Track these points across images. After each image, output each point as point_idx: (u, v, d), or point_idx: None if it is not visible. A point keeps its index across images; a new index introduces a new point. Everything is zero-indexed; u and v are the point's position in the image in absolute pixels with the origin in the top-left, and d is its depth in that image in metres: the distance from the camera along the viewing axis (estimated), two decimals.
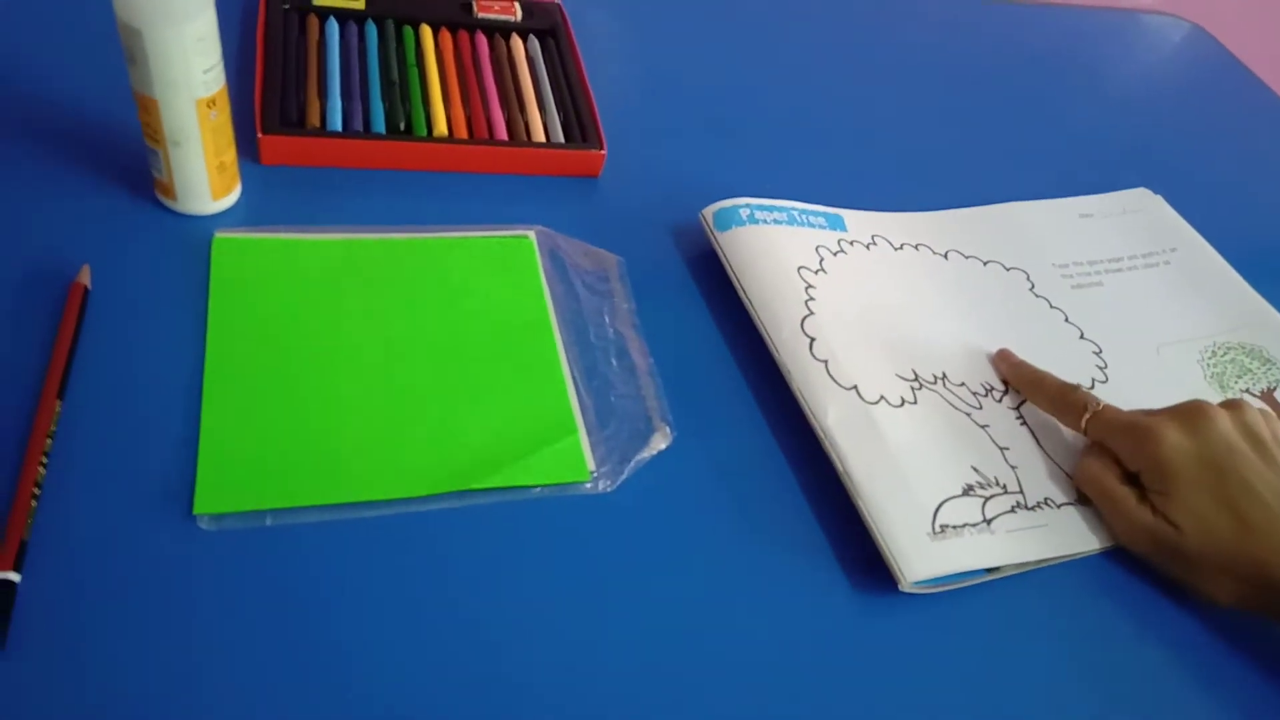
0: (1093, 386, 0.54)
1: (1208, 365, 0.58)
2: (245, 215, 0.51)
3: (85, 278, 0.46)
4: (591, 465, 0.45)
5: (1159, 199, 0.69)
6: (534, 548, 0.42)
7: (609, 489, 0.45)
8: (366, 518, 0.41)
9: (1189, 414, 0.46)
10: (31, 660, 0.35)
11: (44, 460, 0.39)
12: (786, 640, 0.42)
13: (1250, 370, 0.58)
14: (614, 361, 0.50)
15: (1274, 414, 0.49)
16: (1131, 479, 0.47)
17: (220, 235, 0.50)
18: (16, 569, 0.36)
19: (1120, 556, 0.47)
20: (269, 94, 0.55)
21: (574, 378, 0.48)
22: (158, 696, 0.35)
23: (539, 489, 0.44)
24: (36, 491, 0.38)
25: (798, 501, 0.47)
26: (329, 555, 0.40)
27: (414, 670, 0.37)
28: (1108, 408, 0.48)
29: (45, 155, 0.51)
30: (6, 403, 0.41)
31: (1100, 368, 0.56)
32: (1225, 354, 0.59)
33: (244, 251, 0.49)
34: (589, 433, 0.46)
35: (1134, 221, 0.67)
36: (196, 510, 0.39)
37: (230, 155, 0.50)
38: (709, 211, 0.56)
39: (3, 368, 0.42)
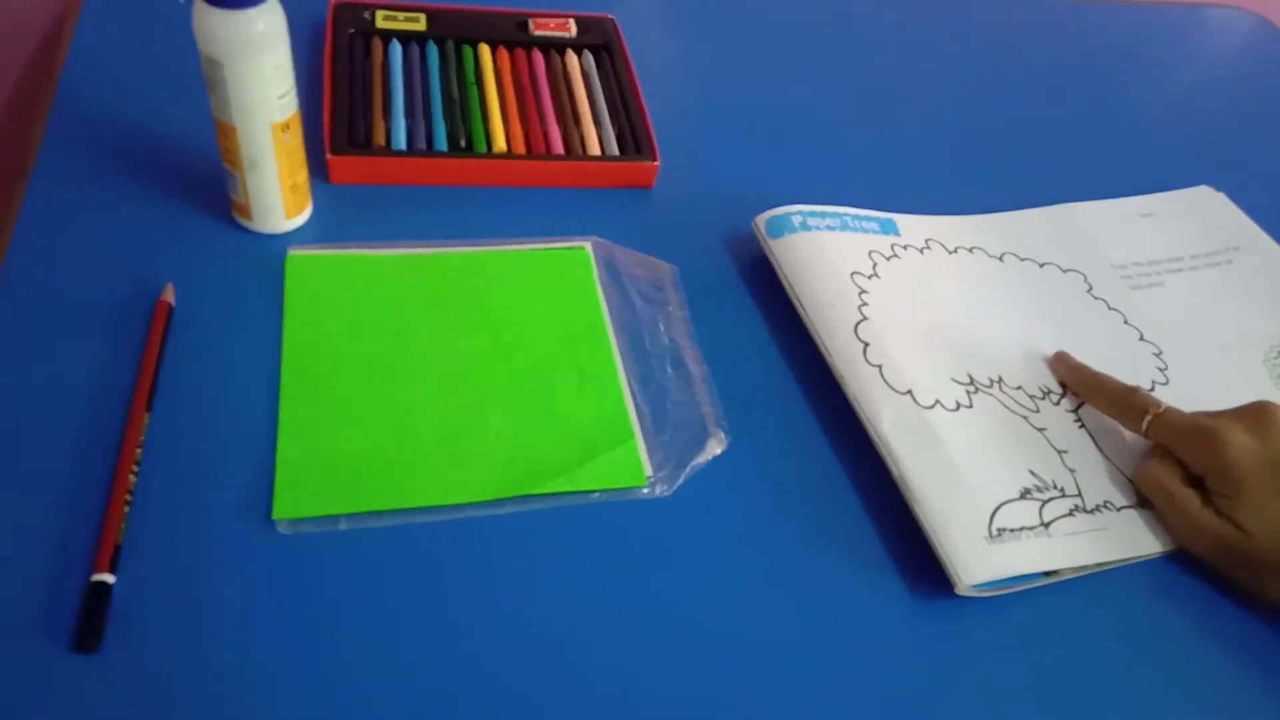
0: (1153, 389, 0.54)
1: (1273, 365, 0.57)
2: (316, 233, 0.54)
3: (169, 295, 0.48)
4: (648, 470, 0.46)
5: (1222, 196, 0.68)
6: (593, 550, 0.43)
7: (665, 494, 0.46)
8: (433, 522, 0.43)
9: (1255, 415, 0.46)
10: (124, 658, 0.37)
11: (135, 469, 0.42)
12: (843, 644, 0.42)
13: None
14: (669, 369, 0.51)
15: None
16: (1195, 482, 0.46)
17: (294, 252, 0.52)
18: (112, 570, 0.39)
19: (1181, 560, 0.47)
20: (337, 116, 0.57)
21: (630, 385, 0.49)
22: (241, 694, 0.37)
23: (598, 494, 0.45)
24: (128, 498, 0.41)
25: (853, 506, 0.47)
26: (398, 558, 0.42)
27: (473, 667, 0.39)
28: (1170, 410, 0.48)
29: (131, 180, 0.54)
30: (100, 415, 0.44)
31: (1161, 369, 0.55)
32: None
33: (316, 267, 0.52)
34: (645, 439, 0.47)
35: (1196, 220, 0.66)
36: (275, 515, 0.42)
37: (302, 176, 0.52)
38: (761, 219, 0.57)
39: (96, 382, 0.45)
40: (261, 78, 0.46)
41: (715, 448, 0.48)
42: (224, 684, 0.37)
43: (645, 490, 0.46)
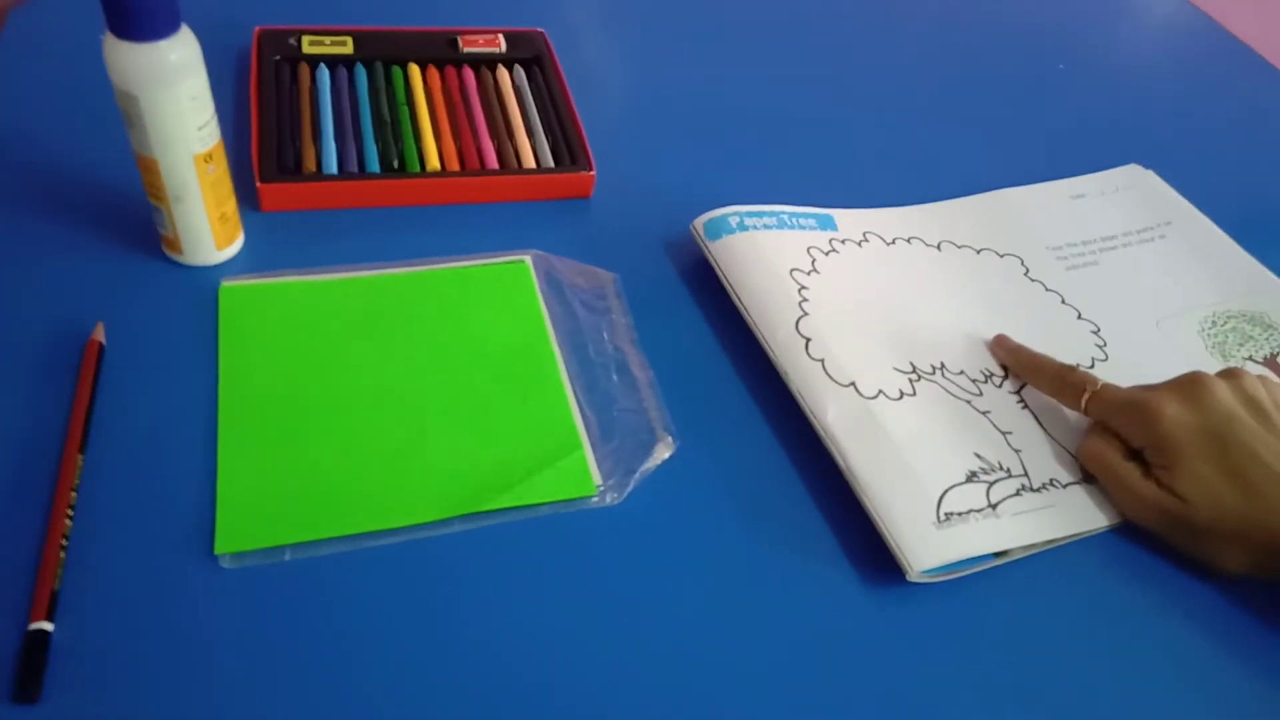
0: (1093, 366, 0.54)
1: (1209, 335, 0.58)
2: (249, 262, 0.53)
3: (100, 334, 0.48)
4: (598, 479, 0.46)
5: (1150, 174, 0.69)
6: (545, 564, 0.43)
7: (616, 501, 0.46)
8: (381, 546, 0.42)
9: (1187, 386, 0.47)
10: (68, 708, 0.36)
11: (70, 513, 0.41)
12: (800, 638, 0.42)
13: (1252, 337, 0.58)
14: (615, 376, 0.51)
15: (1275, 379, 0.49)
16: (1135, 455, 0.47)
17: (226, 283, 0.51)
18: (49, 618, 0.38)
19: (1129, 532, 0.48)
20: (265, 143, 0.57)
21: (576, 395, 0.49)
22: None
23: (547, 506, 0.45)
24: (64, 543, 0.40)
25: (803, 501, 0.47)
26: (347, 585, 0.41)
27: (434, 692, 0.38)
28: (1107, 386, 0.49)
29: (55, 219, 0.53)
30: (32, 459, 0.43)
31: (1100, 346, 0.56)
32: (1226, 323, 0.59)
33: (250, 297, 0.51)
34: (594, 448, 0.47)
35: (1127, 198, 0.67)
36: (218, 550, 0.41)
37: (231, 206, 0.52)
38: (699, 222, 0.57)
39: (26, 425, 0.44)
40: (179, 109, 0.45)
41: (664, 452, 0.48)
42: None
43: (595, 499, 0.45)
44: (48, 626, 0.38)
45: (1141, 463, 0.47)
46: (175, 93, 0.45)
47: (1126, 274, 0.61)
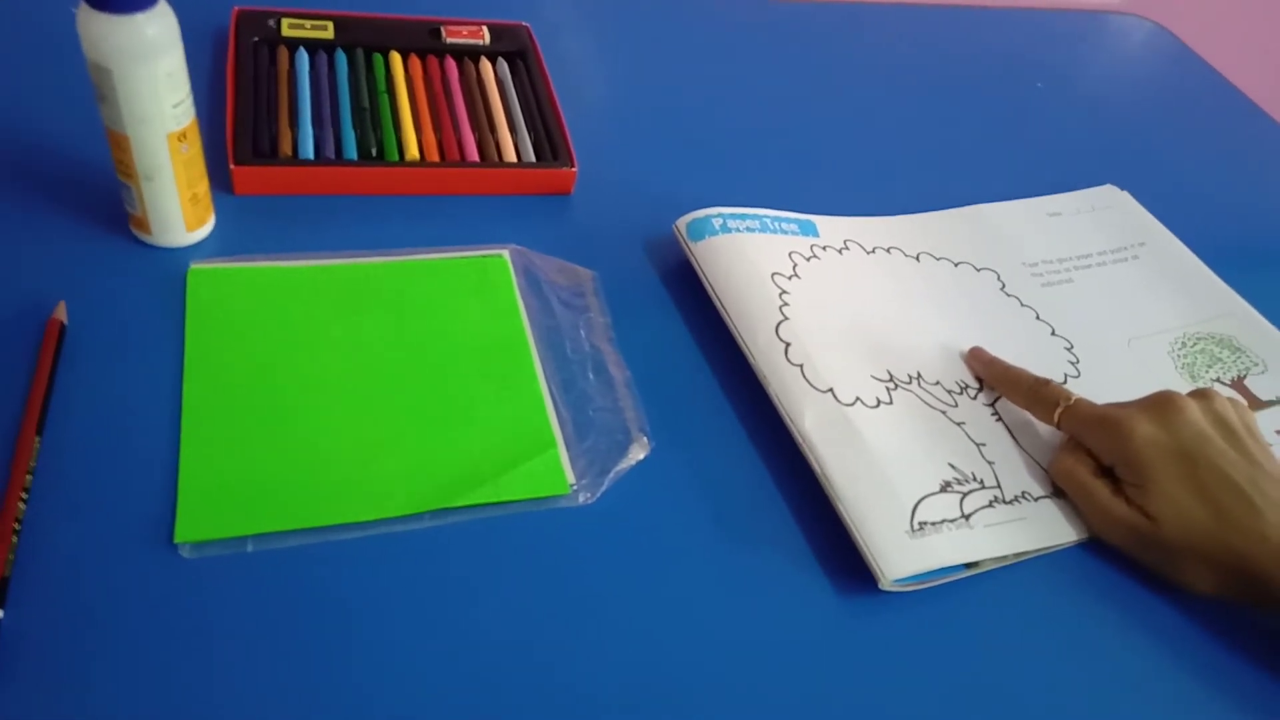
0: (1065, 382, 0.55)
1: (1178, 356, 0.58)
2: (220, 246, 0.52)
3: (61, 314, 0.46)
4: (571, 478, 0.45)
5: (1125, 195, 0.70)
6: (516, 562, 0.42)
7: (589, 501, 0.45)
8: (347, 539, 0.41)
9: (1159, 405, 0.47)
10: (18, 697, 0.35)
11: (24, 496, 0.40)
12: (770, 643, 0.42)
13: (1220, 359, 0.59)
14: (591, 375, 0.50)
15: (1244, 402, 0.50)
16: (1106, 472, 0.47)
17: (195, 267, 0.50)
18: (0, 605, 0.37)
19: (1098, 548, 0.48)
20: (240, 125, 0.55)
21: (551, 393, 0.49)
22: None
23: (519, 504, 0.44)
24: (17, 527, 0.39)
25: (778, 506, 0.47)
26: (310, 579, 0.40)
27: (399, 689, 0.38)
28: (1080, 401, 0.49)
29: (19, 194, 0.52)
30: None
31: (1073, 363, 0.56)
32: (1195, 344, 0.59)
33: (219, 282, 0.50)
34: (568, 446, 0.47)
35: (1102, 218, 0.68)
36: (177, 539, 0.40)
37: (203, 187, 0.50)
38: (682, 222, 0.57)
39: None
40: (154, 86, 0.44)
41: (639, 453, 0.47)
42: (123, 717, 0.35)
43: (568, 498, 0.45)
44: None
45: (1112, 480, 0.47)
46: (151, 68, 0.44)
47: (1100, 293, 0.62)
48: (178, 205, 0.49)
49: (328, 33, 0.63)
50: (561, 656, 0.40)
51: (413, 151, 0.58)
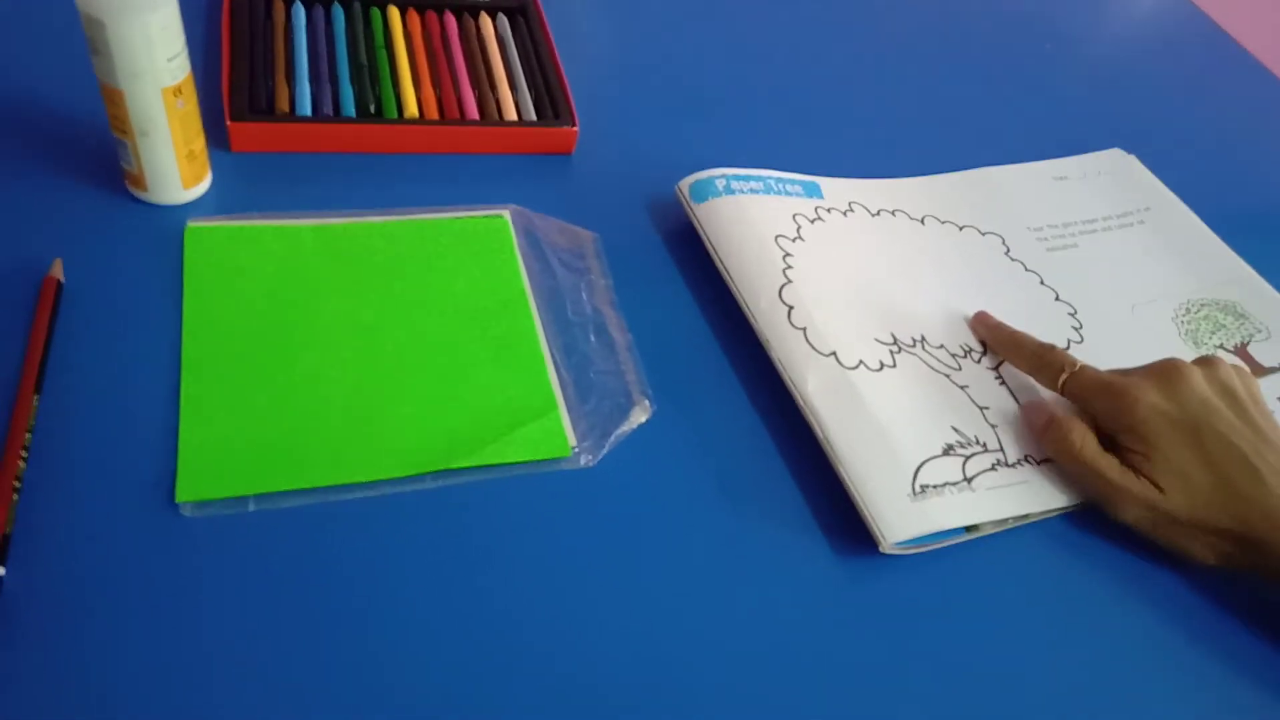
0: (1069, 347, 0.54)
1: (1182, 323, 0.58)
2: (217, 204, 0.51)
3: (58, 271, 0.46)
4: (572, 441, 0.45)
5: (1133, 159, 0.69)
6: (517, 524, 0.42)
7: (590, 464, 0.45)
8: (349, 500, 0.41)
9: (1164, 373, 0.47)
10: (18, 654, 0.35)
11: (24, 454, 0.39)
12: (771, 607, 0.42)
13: (1224, 326, 0.58)
14: (592, 338, 0.50)
15: (1248, 369, 0.50)
16: (1108, 442, 0.47)
17: (193, 224, 0.49)
18: (0, 563, 0.36)
19: (1097, 513, 0.48)
20: (237, 81, 0.55)
21: (553, 355, 0.48)
22: (146, 685, 0.35)
23: (521, 466, 0.44)
24: (17, 485, 0.38)
25: (779, 470, 0.47)
26: (312, 539, 0.40)
27: (400, 650, 0.38)
28: (1085, 368, 0.49)
29: (12, 151, 0.51)
30: None
31: (1076, 328, 0.56)
32: (1199, 311, 0.59)
33: (217, 240, 0.49)
34: (569, 409, 0.46)
35: (1108, 182, 0.67)
36: (179, 499, 0.40)
37: (199, 144, 0.49)
38: (685, 183, 0.56)
39: None
40: (148, 39, 0.43)
41: (640, 416, 0.47)
42: (124, 676, 0.35)
43: (569, 461, 0.45)
44: None
45: (1114, 452, 0.47)
46: (145, 21, 0.43)
47: (1105, 258, 0.61)
48: (174, 162, 0.48)
49: None
50: (562, 619, 0.40)
51: (412, 109, 0.57)
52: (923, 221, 0.60)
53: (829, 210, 0.58)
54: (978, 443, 0.48)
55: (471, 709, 0.37)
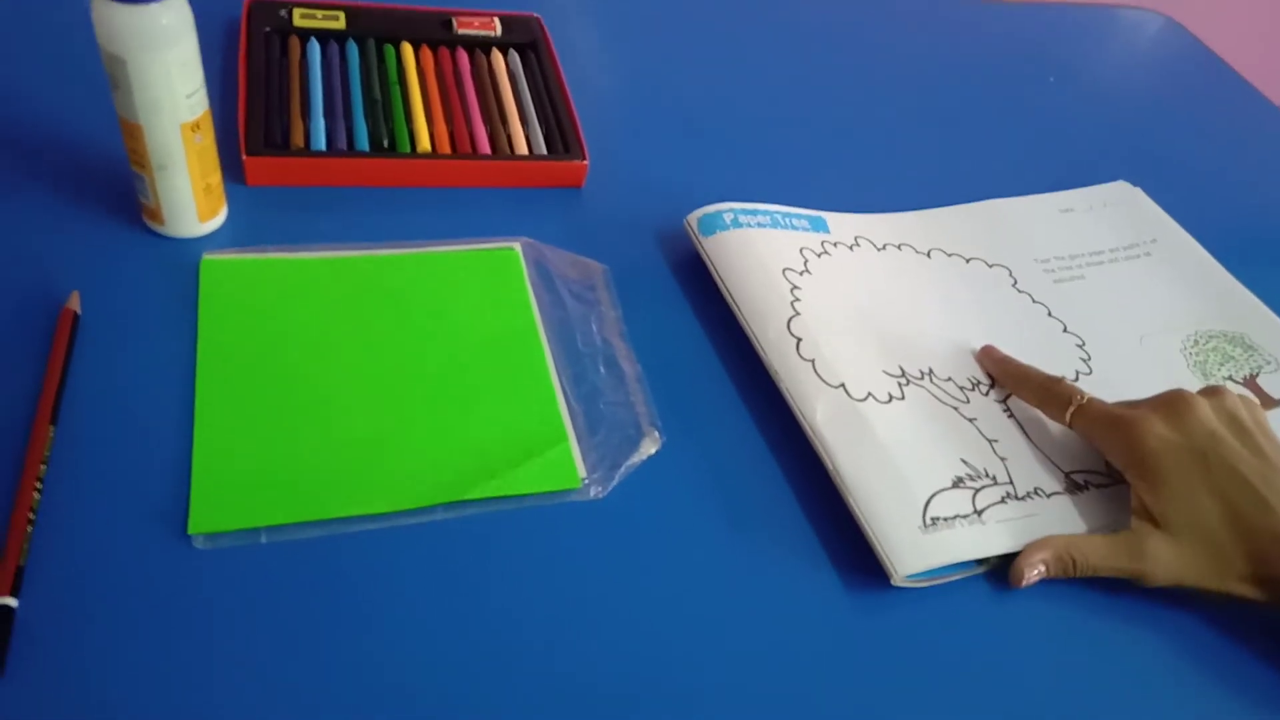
0: (1077, 379, 0.55)
1: (1191, 354, 0.58)
2: (232, 237, 0.52)
3: (75, 303, 0.46)
4: (582, 472, 0.45)
5: (1138, 191, 0.70)
6: (527, 556, 0.42)
7: (600, 495, 0.45)
8: (360, 531, 0.42)
9: (1171, 404, 0.47)
10: (31, 685, 0.35)
11: (38, 485, 0.40)
12: (781, 639, 0.42)
13: (1233, 357, 0.59)
14: (602, 369, 0.50)
15: (1255, 400, 0.50)
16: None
17: (208, 257, 0.50)
18: (14, 594, 0.37)
19: None
20: (253, 116, 0.55)
21: (563, 386, 0.49)
22: (158, 717, 0.35)
23: (531, 498, 0.44)
24: (32, 516, 0.39)
25: (789, 501, 0.47)
26: (324, 571, 0.40)
27: (411, 681, 0.38)
28: (1093, 400, 0.49)
29: (32, 183, 0.52)
30: (0, 429, 0.41)
31: (1084, 360, 0.56)
32: (1208, 342, 0.59)
33: (232, 273, 0.50)
34: (579, 440, 0.47)
35: (1114, 214, 0.68)
36: (191, 530, 0.40)
37: (216, 178, 0.50)
38: (693, 217, 0.57)
39: None
40: (168, 75, 0.44)
41: (650, 447, 0.47)
42: (137, 707, 0.35)
43: (579, 492, 0.45)
44: (12, 602, 0.36)
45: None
46: (164, 57, 0.44)
47: (1112, 289, 0.62)
48: (191, 196, 0.49)
49: (339, 23, 0.63)
50: (572, 650, 0.40)
51: (424, 143, 0.58)
52: (929, 255, 0.60)
53: (835, 244, 0.58)
54: (987, 475, 0.48)
55: None
